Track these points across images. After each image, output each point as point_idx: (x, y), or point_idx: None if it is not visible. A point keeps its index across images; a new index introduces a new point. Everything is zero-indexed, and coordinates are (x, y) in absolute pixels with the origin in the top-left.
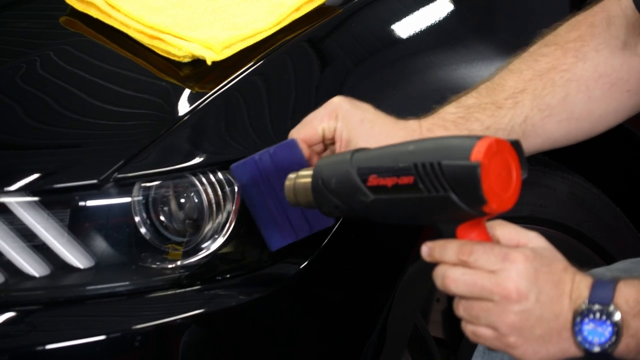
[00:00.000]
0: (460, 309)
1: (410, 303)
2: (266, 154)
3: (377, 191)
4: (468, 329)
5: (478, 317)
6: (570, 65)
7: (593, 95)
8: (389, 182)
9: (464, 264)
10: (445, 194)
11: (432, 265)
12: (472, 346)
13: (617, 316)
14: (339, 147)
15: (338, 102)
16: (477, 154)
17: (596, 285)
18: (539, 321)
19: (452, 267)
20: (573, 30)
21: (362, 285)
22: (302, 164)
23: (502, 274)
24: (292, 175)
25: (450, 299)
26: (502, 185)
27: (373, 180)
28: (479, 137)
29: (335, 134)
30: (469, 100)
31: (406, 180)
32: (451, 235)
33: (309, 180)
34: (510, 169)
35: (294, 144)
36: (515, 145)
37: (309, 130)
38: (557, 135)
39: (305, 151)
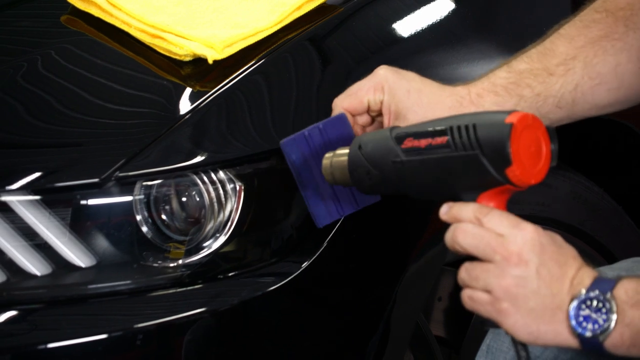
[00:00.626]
0: (463, 270)
1: (413, 302)
2: (315, 129)
3: (410, 153)
4: (465, 294)
5: (477, 278)
6: (622, 34)
7: None
8: (423, 143)
9: (477, 222)
10: (474, 153)
11: (434, 265)
12: (474, 345)
13: (613, 305)
14: (387, 121)
15: (384, 74)
16: (512, 118)
17: (599, 279)
18: (535, 294)
19: (466, 222)
20: None
21: (364, 284)
22: (352, 137)
23: (509, 237)
24: (329, 154)
25: (452, 297)
26: (530, 158)
27: (408, 142)
28: (516, 110)
29: (383, 107)
30: (520, 65)
31: (439, 140)
32: (472, 201)
33: (346, 156)
34: (541, 146)
35: (343, 118)
36: (551, 130)
37: (354, 100)
38: (605, 102)
39: (350, 120)
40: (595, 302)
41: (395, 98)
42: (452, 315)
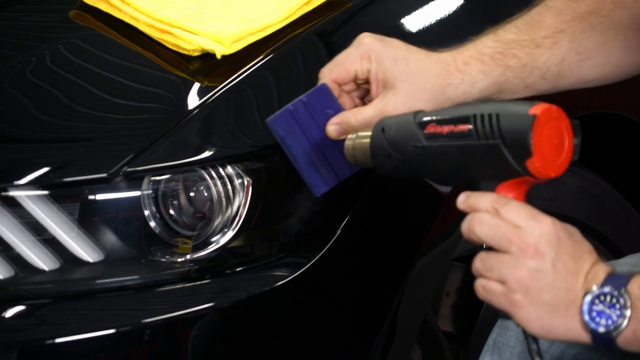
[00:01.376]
0: (478, 260)
1: (420, 297)
2: (299, 102)
3: (432, 138)
4: (479, 283)
5: (492, 268)
6: (609, 11)
7: (631, 44)
8: (445, 129)
9: (495, 212)
10: (495, 142)
11: (441, 260)
12: (481, 340)
13: (627, 301)
14: (375, 89)
15: (370, 43)
16: (536, 109)
17: (613, 275)
18: (549, 287)
19: (483, 212)
20: None
21: (371, 279)
22: (336, 107)
23: (526, 229)
24: (351, 135)
25: (460, 292)
26: (551, 150)
27: (431, 127)
28: (540, 102)
29: (370, 76)
30: (507, 35)
31: (462, 128)
32: (491, 192)
33: (369, 134)
34: (563, 140)
35: (326, 89)
36: (575, 125)
37: (341, 71)
38: (591, 77)
39: (336, 91)
40: (609, 298)
41: (383, 66)
42: (460, 310)
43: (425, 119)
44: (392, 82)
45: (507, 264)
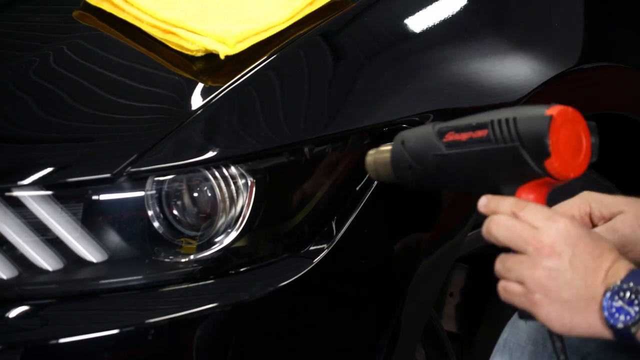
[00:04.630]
0: (498, 261)
1: (424, 297)
2: None
3: (451, 146)
4: (500, 285)
5: (510, 269)
6: None
7: None
8: (464, 136)
9: (514, 215)
10: (513, 145)
11: (445, 260)
12: (485, 341)
13: None
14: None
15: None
16: (552, 111)
17: (635, 272)
18: (568, 285)
19: (502, 214)
20: None
21: (375, 279)
22: None
23: (543, 230)
24: (372, 151)
25: (464, 293)
26: (569, 150)
27: (450, 136)
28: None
29: (592, 216)
30: None
31: (480, 134)
32: (511, 195)
33: (389, 153)
34: (581, 140)
35: None
36: (592, 127)
37: None
38: None
39: None
40: (627, 294)
41: (604, 202)
42: (464, 310)
43: (444, 127)
44: (619, 209)
45: (525, 264)
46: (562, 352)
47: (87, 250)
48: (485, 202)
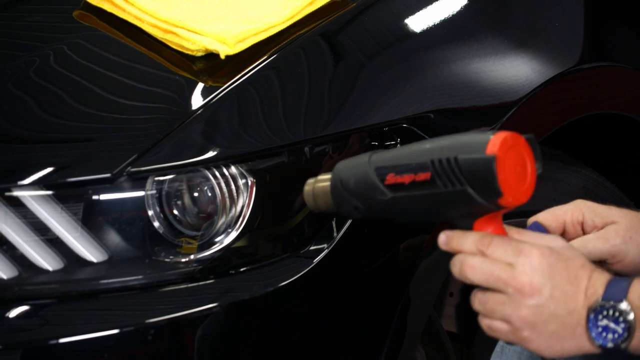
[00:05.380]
0: (476, 302)
1: (424, 297)
2: None
3: (395, 189)
4: (484, 322)
5: (493, 310)
6: None
7: None
8: (407, 179)
9: (481, 254)
10: (462, 188)
11: (445, 260)
12: (485, 341)
13: (630, 313)
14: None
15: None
16: (493, 147)
17: (612, 283)
18: (553, 317)
19: (470, 255)
20: None
21: (375, 279)
22: None
23: (518, 267)
24: (310, 180)
25: (464, 293)
26: (518, 179)
27: (391, 178)
28: (493, 132)
29: (585, 226)
30: None
31: (423, 176)
32: (468, 229)
33: (327, 183)
34: (525, 162)
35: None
36: (530, 140)
37: (548, 216)
38: None
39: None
40: (611, 312)
41: (597, 211)
42: (464, 310)
43: (382, 166)
44: (612, 219)
45: (508, 305)
46: None
47: (87, 250)
48: (445, 240)
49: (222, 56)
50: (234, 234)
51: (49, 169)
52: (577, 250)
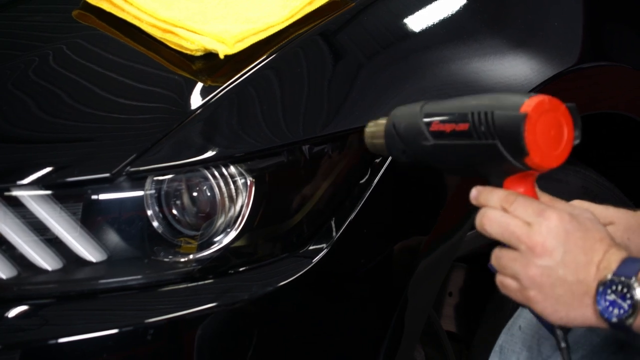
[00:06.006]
0: (493, 257)
1: (423, 297)
2: None
3: (437, 136)
4: (498, 279)
5: (505, 266)
6: None
7: None
8: (448, 127)
9: (504, 211)
10: (493, 142)
11: (444, 260)
12: (484, 341)
13: (636, 289)
14: None
15: None
16: (527, 107)
17: (627, 261)
18: (561, 281)
19: (493, 209)
20: None
21: (375, 279)
22: None
23: (534, 227)
24: (371, 123)
25: (463, 293)
26: (550, 142)
27: (435, 125)
28: (535, 94)
29: None
30: None
31: (462, 127)
32: (499, 186)
33: (384, 127)
34: (562, 128)
35: None
36: (571, 108)
37: None
38: None
39: None
40: (619, 287)
41: None
42: (463, 310)
43: (431, 112)
44: (609, 220)
45: (519, 262)
46: (563, 340)
47: (87, 250)
48: (475, 195)
49: (221, 56)
50: (233, 234)
51: (48, 169)
52: (601, 225)
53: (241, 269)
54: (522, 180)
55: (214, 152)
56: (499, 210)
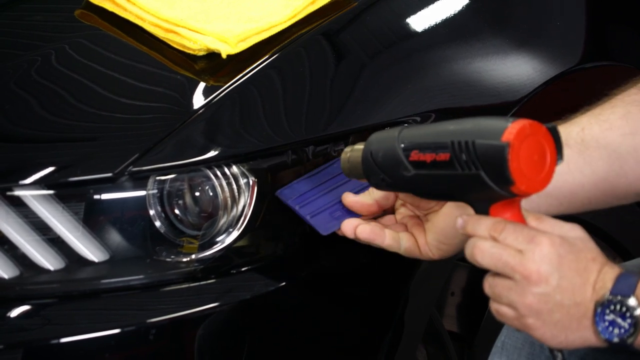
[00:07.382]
0: (487, 285)
1: (425, 297)
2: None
3: (417, 166)
4: (493, 306)
5: (500, 295)
6: None
7: None
8: (428, 157)
9: (493, 240)
10: (477, 172)
11: (447, 260)
12: (486, 340)
13: (636, 309)
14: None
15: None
16: (509, 135)
17: (621, 278)
18: (558, 306)
19: (483, 239)
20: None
21: (377, 279)
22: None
23: (527, 254)
24: (348, 148)
25: (465, 292)
26: (534, 167)
27: (415, 155)
28: (514, 119)
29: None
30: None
31: (443, 156)
32: (485, 213)
33: (360, 153)
34: (545, 152)
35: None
36: (552, 129)
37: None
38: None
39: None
40: (618, 307)
41: None
42: (465, 310)
43: (408, 142)
44: None
45: (514, 291)
46: (558, 350)
47: (89, 250)
48: (461, 224)
49: (224, 55)
50: (235, 234)
51: (51, 169)
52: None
53: (243, 269)
54: (508, 205)
55: (216, 152)
56: (489, 240)
